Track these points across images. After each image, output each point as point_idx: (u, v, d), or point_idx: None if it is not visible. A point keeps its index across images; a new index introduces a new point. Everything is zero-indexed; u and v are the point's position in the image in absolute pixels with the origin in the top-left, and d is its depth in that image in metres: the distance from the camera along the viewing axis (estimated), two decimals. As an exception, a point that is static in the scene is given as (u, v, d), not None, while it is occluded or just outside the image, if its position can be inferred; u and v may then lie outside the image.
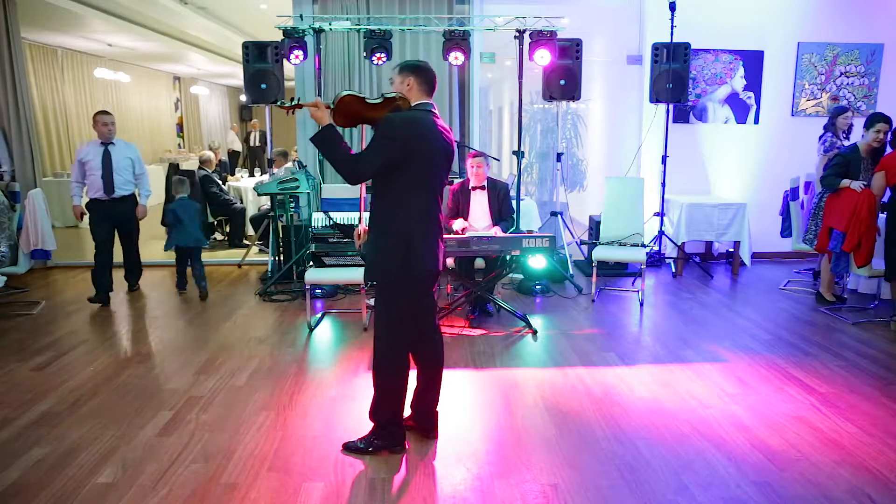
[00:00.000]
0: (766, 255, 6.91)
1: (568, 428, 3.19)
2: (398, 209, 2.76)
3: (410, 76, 2.81)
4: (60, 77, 10.23)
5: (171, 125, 14.71)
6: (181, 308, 5.28)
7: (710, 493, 2.62)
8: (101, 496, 2.61)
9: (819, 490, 2.65)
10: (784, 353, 4.22)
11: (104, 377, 3.83)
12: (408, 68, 2.84)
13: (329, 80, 6.41)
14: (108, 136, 5.29)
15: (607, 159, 8.26)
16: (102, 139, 5.30)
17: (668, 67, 6.09)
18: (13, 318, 5.00)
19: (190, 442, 3.04)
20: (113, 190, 5.29)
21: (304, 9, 6.30)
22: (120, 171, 5.32)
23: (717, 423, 3.23)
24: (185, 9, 8.27)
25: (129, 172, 5.41)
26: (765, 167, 6.82)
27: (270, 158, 6.78)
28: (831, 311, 5.09)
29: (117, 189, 5.31)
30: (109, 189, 5.28)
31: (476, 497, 2.61)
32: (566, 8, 6.16)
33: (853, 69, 6.76)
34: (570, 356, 4.16)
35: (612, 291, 5.75)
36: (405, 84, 2.81)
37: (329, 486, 2.68)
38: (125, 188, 5.39)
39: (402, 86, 2.82)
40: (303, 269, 5.51)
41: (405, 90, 2.81)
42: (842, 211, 4.76)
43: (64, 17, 7.82)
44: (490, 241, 4.42)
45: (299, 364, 4.03)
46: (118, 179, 5.30)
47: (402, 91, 2.82)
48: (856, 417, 3.30)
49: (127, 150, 5.43)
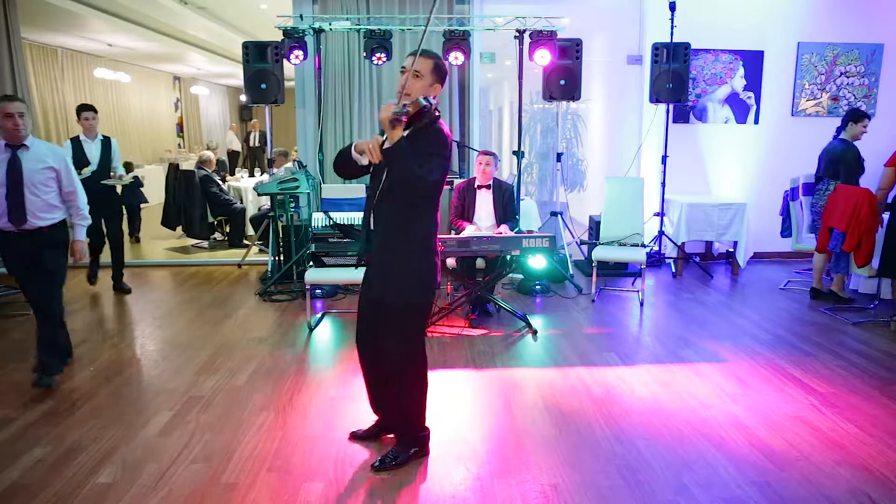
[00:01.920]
0: (766, 255, 6.91)
1: (568, 428, 3.19)
2: (433, 227, 2.66)
3: (435, 73, 2.64)
4: (60, 77, 10.23)
5: (171, 125, 14.71)
6: (181, 308, 5.28)
7: (710, 493, 2.62)
8: (101, 496, 2.61)
9: (819, 490, 2.65)
10: (784, 353, 4.22)
11: (104, 377, 3.83)
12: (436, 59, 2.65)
13: (329, 80, 6.41)
14: (15, 134, 3.49)
15: (607, 159, 8.26)
16: (8, 139, 3.52)
17: (668, 67, 6.09)
18: (13, 318, 5.00)
19: (190, 442, 3.04)
20: (24, 218, 3.56)
21: (304, 9, 6.30)
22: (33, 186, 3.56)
23: (717, 423, 3.23)
24: (185, 9, 8.28)
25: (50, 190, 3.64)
26: (765, 167, 6.82)
27: (270, 158, 6.79)
28: (831, 311, 5.09)
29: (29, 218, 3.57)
30: (18, 217, 3.54)
31: (476, 497, 2.61)
32: (566, 8, 6.16)
33: (853, 69, 6.76)
34: (570, 356, 4.16)
35: (612, 291, 5.75)
36: (429, 77, 2.62)
37: (329, 486, 2.68)
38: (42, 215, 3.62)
39: (431, 78, 2.62)
40: (303, 269, 5.51)
41: (426, 87, 2.62)
42: (842, 211, 4.76)
43: (64, 17, 7.82)
44: (490, 241, 4.42)
45: (299, 364, 4.03)
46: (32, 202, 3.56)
47: (425, 85, 2.61)
48: (856, 417, 3.29)
49: (47, 155, 3.62)
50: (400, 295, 2.65)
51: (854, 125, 5.34)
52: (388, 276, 2.66)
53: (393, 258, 2.63)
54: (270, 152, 6.82)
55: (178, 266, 6.83)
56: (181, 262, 7.00)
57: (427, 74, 2.61)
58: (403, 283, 2.64)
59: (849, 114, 5.41)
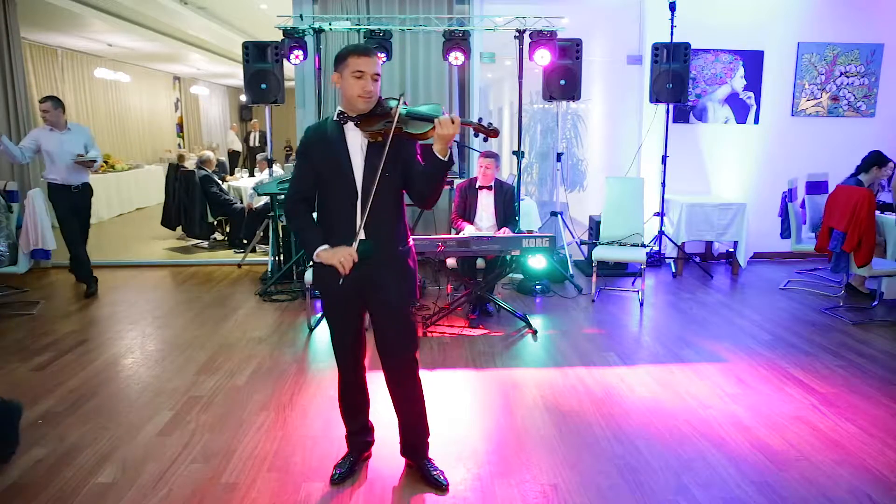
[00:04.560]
0: (766, 255, 6.91)
1: (568, 428, 3.19)
2: None
3: None
4: (60, 77, 10.23)
5: (171, 125, 14.72)
6: (181, 308, 5.28)
7: (710, 494, 2.62)
8: (101, 496, 2.61)
9: (819, 490, 2.65)
10: (784, 353, 4.22)
11: (104, 377, 3.83)
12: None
13: (329, 80, 6.41)
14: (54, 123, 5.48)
15: (607, 159, 8.26)
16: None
17: (668, 67, 6.09)
18: (13, 318, 5.00)
19: (190, 442, 3.04)
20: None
21: (304, 9, 6.30)
22: None
23: (717, 423, 3.23)
24: (185, 9, 8.28)
25: None
26: (765, 167, 6.82)
27: (270, 158, 6.78)
28: (831, 311, 5.09)
29: None
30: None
31: (476, 497, 2.61)
32: (566, 8, 6.16)
33: (853, 69, 6.76)
34: (570, 356, 4.16)
35: (612, 291, 5.75)
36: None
37: (329, 486, 2.68)
38: None
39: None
40: (303, 269, 5.51)
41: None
42: (842, 211, 4.77)
43: (64, 17, 7.83)
44: (490, 241, 4.42)
45: (299, 364, 4.03)
46: None
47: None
48: (856, 417, 3.29)
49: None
50: (412, 294, 2.62)
51: (878, 170, 5.22)
52: (404, 277, 2.55)
53: (401, 259, 2.55)
54: (270, 152, 6.82)
55: (177, 266, 6.83)
56: (181, 262, 6.99)
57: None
58: (412, 281, 2.60)
59: (874, 157, 5.24)
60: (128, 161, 11.38)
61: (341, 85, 2.42)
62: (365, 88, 2.37)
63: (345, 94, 2.42)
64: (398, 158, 2.43)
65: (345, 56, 2.40)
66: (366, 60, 2.37)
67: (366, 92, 2.38)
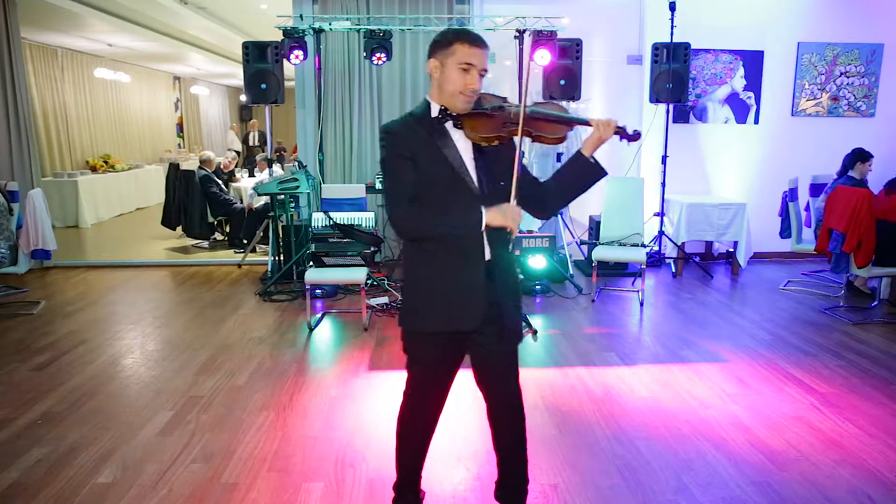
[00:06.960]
0: (766, 255, 6.91)
1: (568, 428, 3.18)
2: None
3: None
4: (60, 77, 10.23)
5: (171, 125, 14.71)
6: (181, 308, 5.28)
7: (710, 493, 2.62)
8: (101, 496, 2.61)
9: (819, 490, 2.65)
10: (784, 353, 4.22)
11: (104, 377, 3.83)
12: None
13: (329, 80, 6.41)
14: None
15: (607, 159, 8.24)
16: None
17: (668, 67, 6.09)
18: (13, 318, 5.00)
19: (190, 442, 3.04)
20: None
21: (304, 9, 6.30)
22: None
23: (717, 423, 3.23)
24: (185, 9, 8.27)
25: None
26: (765, 167, 6.82)
27: (270, 158, 6.78)
28: (831, 311, 5.09)
29: None
30: None
31: (476, 497, 2.61)
32: (566, 8, 6.16)
33: (853, 69, 6.76)
34: (570, 356, 4.16)
35: (612, 291, 5.75)
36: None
37: (329, 486, 2.68)
38: None
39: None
40: (303, 269, 5.51)
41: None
42: (842, 211, 4.76)
43: (64, 17, 7.82)
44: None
45: (299, 364, 4.03)
46: None
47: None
48: (856, 417, 3.30)
49: None
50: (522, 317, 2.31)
51: (862, 164, 5.36)
52: (519, 304, 2.24)
53: (515, 283, 2.24)
54: (270, 152, 6.82)
55: (177, 266, 6.83)
56: (181, 262, 6.99)
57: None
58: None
59: (855, 154, 5.40)
60: (128, 161, 11.38)
61: (439, 75, 2.01)
62: (470, 85, 1.98)
63: (442, 86, 2.02)
64: (504, 164, 2.07)
65: (450, 41, 1.98)
66: (477, 52, 1.97)
67: (470, 90, 1.99)
